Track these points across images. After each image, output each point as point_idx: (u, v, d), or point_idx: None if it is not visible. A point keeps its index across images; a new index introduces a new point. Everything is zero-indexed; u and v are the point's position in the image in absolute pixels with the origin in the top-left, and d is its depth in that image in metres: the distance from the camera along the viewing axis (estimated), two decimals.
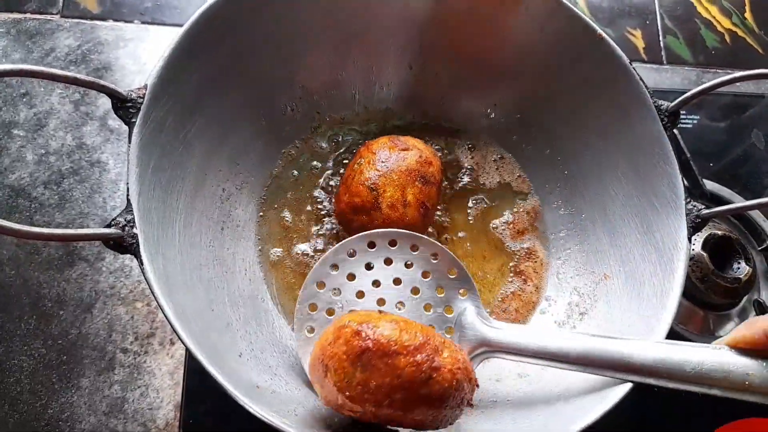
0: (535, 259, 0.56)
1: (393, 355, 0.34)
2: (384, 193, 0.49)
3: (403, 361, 0.34)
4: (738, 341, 0.34)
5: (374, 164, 0.51)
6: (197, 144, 0.46)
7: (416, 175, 0.51)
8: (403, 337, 0.35)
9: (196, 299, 0.41)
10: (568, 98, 0.53)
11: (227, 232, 0.50)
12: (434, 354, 0.35)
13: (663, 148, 0.46)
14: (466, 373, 0.36)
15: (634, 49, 0.77)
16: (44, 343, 0.54)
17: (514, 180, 0.59)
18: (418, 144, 0.54)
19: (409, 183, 0.50)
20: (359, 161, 0.52)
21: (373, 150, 0.52)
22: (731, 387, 0.34)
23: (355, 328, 0.35)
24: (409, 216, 0.50)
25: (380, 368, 0.34)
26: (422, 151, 0.53)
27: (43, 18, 0.68)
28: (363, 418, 0.36)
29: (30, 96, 0.63)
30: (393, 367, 0.34)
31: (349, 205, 0.51)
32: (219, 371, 0.34)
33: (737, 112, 0.75)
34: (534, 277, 0.55)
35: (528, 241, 0.56)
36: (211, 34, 0.45)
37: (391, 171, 0.50)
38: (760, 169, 0.72)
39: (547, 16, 0.51)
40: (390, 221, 0.49)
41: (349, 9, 0.53)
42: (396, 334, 0.35)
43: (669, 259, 0.44)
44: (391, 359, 0.34)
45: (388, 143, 0.52)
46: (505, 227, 0.57)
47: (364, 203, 0.50)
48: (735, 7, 0.83)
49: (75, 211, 0.59)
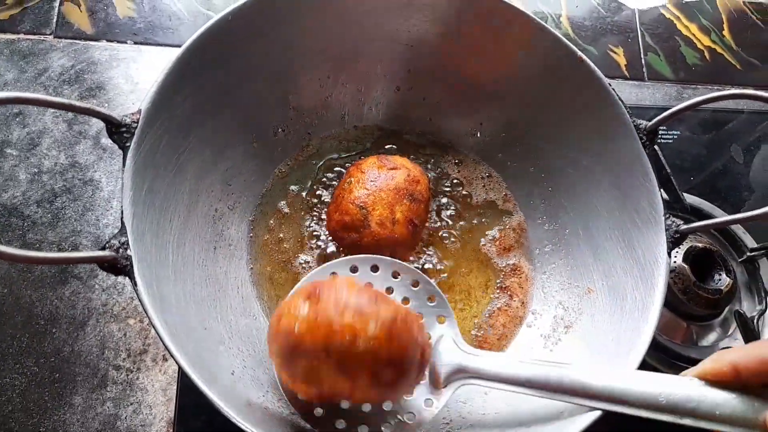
0: (520, 275, 0.57)
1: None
2: (373, 212, 0.51)
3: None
4: (706, 374, 0.34)
5: (363, 183, 0.52)
6: (190, 166, 0.47)
7: (404, 194, 0.52)
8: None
9: (189, 318, 0.42)
10: (552, 118, 0.55)
11: (220, 251, 0.51)
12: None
13: (643, 165, 0.47)
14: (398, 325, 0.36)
15: (616, 66, 0.79)
16: (36, 360, 0.54)
17: (500, 197, 0.60)
18: (406, 163, 0.55)
19: (397, 201, 0.52)
20: (349, 180, 0.53)
21: (362, 169, 0.54)
22: (702, 417, 0.34)
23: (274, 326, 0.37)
24: (398, 233, 0.51)
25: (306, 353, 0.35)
26: (410, 170, 0.54)
27: (37, 38, 0.69)
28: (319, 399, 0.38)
29: (23, 115, 0.64)
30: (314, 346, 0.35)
31: (340, 223, 0.52)
32: (212, 389, 0.35)
33: (716, 127, 0.77)
34: (519, 292, 0.56)
35: (514, 257, 0.58)
36: (204, 59, 0.46)
37: (379, 190, 0.52)
38: (738, 183, 0.74)
39: (530, 41, 0.52)
40: (380, 238, 0.50)
41: (339, 35, 0.55)
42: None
43: (650, 273, 0.45)
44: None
45: (377, 163, 0.54)
46: (491, 244, 0.58)
47: (354, 221, 0.51)
48: (713, 25, 0.85)
49: (68, 230, 0.60)
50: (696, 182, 0.73)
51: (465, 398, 0.47)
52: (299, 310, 0.36)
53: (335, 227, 0.53)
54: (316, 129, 0.60)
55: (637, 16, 0.84)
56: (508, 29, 0.53)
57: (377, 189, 0.52)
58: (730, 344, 0.60)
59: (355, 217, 0.51)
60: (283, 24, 0.51)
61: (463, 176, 0.61)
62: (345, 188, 0.53)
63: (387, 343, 0.35)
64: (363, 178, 0.53)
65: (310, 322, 0.35)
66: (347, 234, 0.52)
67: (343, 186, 0.54)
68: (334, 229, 0.53)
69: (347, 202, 0.52)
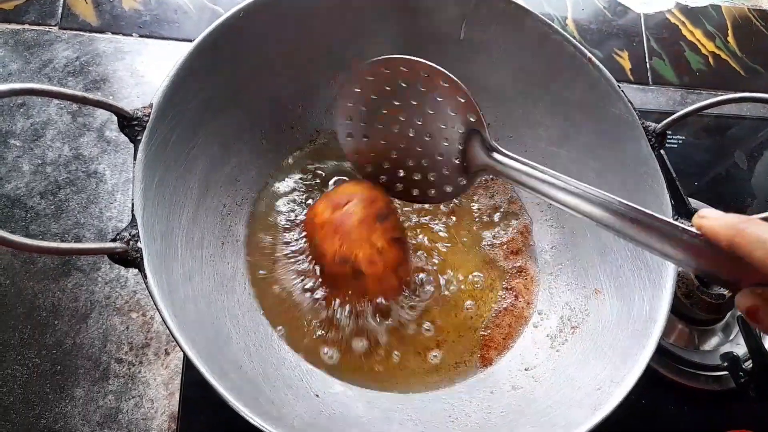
0: (526, 276, 0.57)
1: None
2: (357, 258, 0.48)
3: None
4: (715, 235, 0.32)
5: (329, 238, 0.49)
6: (200, 161, 0.47)
7: (371, 220, 0.49)
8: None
9: (197, 312, 0.42)
10: (560, 120, 0.55)
11: (228, 247, 0.51)
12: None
13: (651, 167, 0.47)
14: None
15: (621, 70, 0.79)
16: (38, 352, 0.54)
17: (506, 199, 0.60)
18: (354, 188, 0.52)
19: (370, 231, 0.49)
20: (314, 241, 0.51)
21: (319, 224, 0.50)
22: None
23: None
24: (390, 259, 0.49)
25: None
26: (361, 193, 0.50)
27: (42, 29, 0.68)
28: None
29: (27, 106, 0.64)
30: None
31: (336, 281, 0.50)
32: (220, 382, 0.35)
33: (720, 132, 0.78)
34: (525, 293, 0.56)
35: (520, 260, 0.58)
36: (215, 54, 0.46)
37: (347, 233, 0.48)
38: (742, 189, 0.74)
39: (538, 41, 0.52)
40: (377, 276, 0.48)
41: (348, 33, 0.55)
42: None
43: (658, 275, 0.45)
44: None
45: (327, 208, 0.50)
46: (498, 248, 0.58)
47: (346, 276, 0.49)
48: (718, 31, 0.86)
49: (71, 222, 0.59)
50: (699, 187, 0.73)
51: (470, 397, 0.48)
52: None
53: (332, 283, 0.51)
54: (324, 126, 0.60)
55: (642, 21, 0.84)
56: (516, 30, 0.53)
57: (344, 233, 0.48)
58: (731, 349, 0.60)
59: (345, 271, 0.48)
60: (293, 22, 0.51)
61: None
62: (317, 249, 0.50)
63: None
64: (324, 233, 0.49)
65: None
66: (349, 285, 0.50)
67: (312, 245, 0.51)
68: (332, 287, 0.51)
69: (329, 264, 0.49)
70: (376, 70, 0.46)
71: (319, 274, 0.52)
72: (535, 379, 0.47)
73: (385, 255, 0.49)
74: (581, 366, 0.46)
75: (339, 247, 0.48)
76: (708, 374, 0.60)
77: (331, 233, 0.48)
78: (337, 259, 0.48)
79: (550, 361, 0.49)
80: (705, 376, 0.60)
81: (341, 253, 0.48)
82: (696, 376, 0.60)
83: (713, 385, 0.60)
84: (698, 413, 0.59)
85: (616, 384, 0.40)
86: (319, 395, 0.46)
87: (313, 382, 0.47)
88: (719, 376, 0.60)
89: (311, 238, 0.51)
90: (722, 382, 0.60)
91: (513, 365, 0.50)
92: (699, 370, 0.60)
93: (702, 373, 0.60)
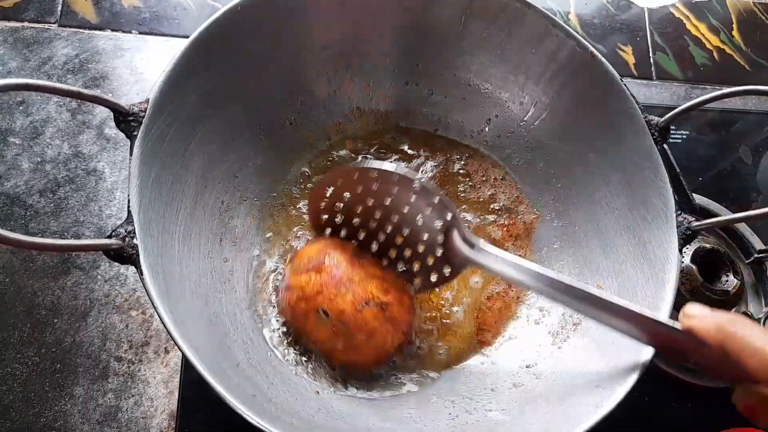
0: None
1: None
2: (376, 297, 0.45)
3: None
4: (699, 331, 0.33)
5: (338, 297, 0.45)
6: (197, 157, 0.47)
7: (356, 259, 0.47)
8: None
9: (194, 309, 0.41)
10: (562, 114, 0.54)
11: (225, 244, 0.50)
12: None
13: (654, 162, 0.47)
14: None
15: (624, 64, 0.79)
16: (38, 351, 0.53)
17: (509, 193, 0.60)
18: (315, 245, 0.49)
19: (364, 269, 0.47)
20: (319, 309, 0.45)
21: (312, 293, 0.45)
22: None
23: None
24: (395, 313, 0.46)
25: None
26: (326, 243, 0.48)
27: (41, 27, 0.68)
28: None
29: (26, 104, 0.63)
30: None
31: (366, 321, 0.46)
32: (217, 380, 0.35)
33: (725, 127, 0.77)
34: None
35: (520, 250, 0.57)
36: (213, 49, 0.45)
37: (349, 281, 0.45)
38: (746, 184, 0.74)
39: (542, 35, 0.52)
40: (369, 331, 0.45)
41: (347, 29, 0.54)
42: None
43: (660, 270, 0.44)
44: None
45: (309, 274, 0.46)
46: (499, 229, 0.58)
47: (375, 314, 0.45)
48: (723, 25, 0.85)
49: (70, 220, 0.59)
50: (704, 182, 0.72)
51: (471, 395, 0.47)
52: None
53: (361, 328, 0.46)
54: (324, 123, 0.59)
55: (646, 15, 0.83)
56: (518, 23, 0.52)
57: (347, 282, 0.45)
58: None
59: (373, 312, 0.45)
60: (292, 16, 0.51)
61: (472, 171, 0.61)
62: (333, 315, 0.45)
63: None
64: (326, 295, 0.45)
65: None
66: (378, 319, 0.46)
67: (317, 318, 0.46)
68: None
69: (353, 314, 0.45)
70: (346, 176, 0.46)
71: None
72: (536, 376, 0.47)
73: (393, 288, 0.47)
74: (583, 363, 0.46)
75: (352, 297, 0.44)
76: None
77: (333, 291, 0.45)
78: (358, 306, 0.44)
79: (552, 358, 0.48)
80: None
81: (358, 299, 0.44)
82: (699, 372, 0.59)
83: (716, 381, 0.59)
84: (701, 410, 0.58)
85: (618, 381, 0.40)
86: (319, 392, 0.46)
87: (312, 380, 0.47)
88: None
89: (307, 311, 0.46)
90: None
91: (514, 362, 0.49)
92: None
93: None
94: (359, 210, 0.48)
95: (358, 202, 0.47)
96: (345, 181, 0.46)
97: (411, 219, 0.46)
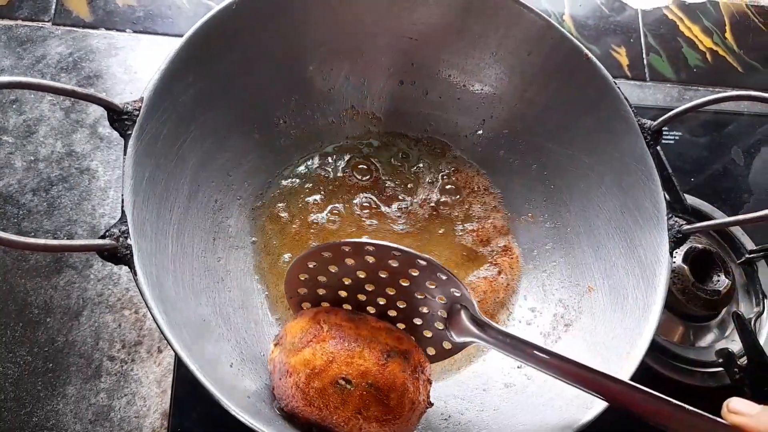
0: (512, 256, 0.57)
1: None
2: (394, 348, 0.40)
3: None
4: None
5: (355, 358, 0.38)
6: (191, 156, 0.47)
7: (348, 317, 0.42)
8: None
9: (188, 309, 0.41)
10: (556, 116, 0.55)
11: (219, 243, 0.50)
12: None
13: (646, 165, 0.47)
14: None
15: (618, 65, 0.79)
16: (30, 350, 0.53)
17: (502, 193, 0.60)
18: (300, 321, 0.42)
19: (362, 324, 0.41)
20: (339, 378, 0.38)
21: (323, 365, 0.38)
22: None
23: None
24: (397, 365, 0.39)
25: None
26: (308, 315, 0.42)
27: (35, 25, 0.68)
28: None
29: (20, 103, 0.63)
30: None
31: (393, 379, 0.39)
32: (210, 381, 0.35)
33: (717, 129, 0.77)
34: (509, 272, 0.56)
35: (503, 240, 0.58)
36: (207, 47, 0.45)
37: (353, 339, 0.40)
38: (739, 185, 0.74)
39: (537, 37, 0.52)
40: (401, 388, 0.38)
41: (343, 27, 0.54)
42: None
43: (651, 273, 0.45)
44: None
45: (312, 346, 0.39)
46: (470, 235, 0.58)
47: (398, 363, 0.39)
48: (716, 27, 0.85)
49: (63, 219, 0.59)
50: (696, 183, 0.73)
51: (463, 395, 0.47)
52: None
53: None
54: (318, 121, 0.59)
55: (640, 17, 0.84)
56: (514, 24, 0.52)
57: (353, 341, 0.39)
58: (727, 345, 0.60)
59: (397, 361, 0.39)
60: (287, 14, 0.51)
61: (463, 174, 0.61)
62: (358, 385, 0.38)
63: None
64: (339, 363, 0.38)
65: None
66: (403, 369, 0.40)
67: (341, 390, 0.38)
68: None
69: (380, 369, 0.38)
70: (334, 249, 0.41)
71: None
72: (527, 377, 0.47)
73: (403, 336, 0.42)
74: None
75: (370, 352, 0.38)
76: (703, 371, 0.60)
77: (347, 353, 0.38)
78: (381, 360, 0.38)
79: None
80: (700, 372, 0.60)
81: (377, 353, 0.39)
82: (691, 372, 0.59)
83: (708, 381, 0.59)
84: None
85: None
86: None
87: None
88: (714, 373, 0.60)
89: (324, 388, 0.38)
90: (717, 378, 0.60)
91: (506, 363, 0.49)
92: (694, 366, 0.60)
93: (697, 370, 0.60)
94: (348, 283, 0.43)
95: (346, 276, 0.42)
96: (334, 254, 0.41)
97: (409, 293, 0.42)
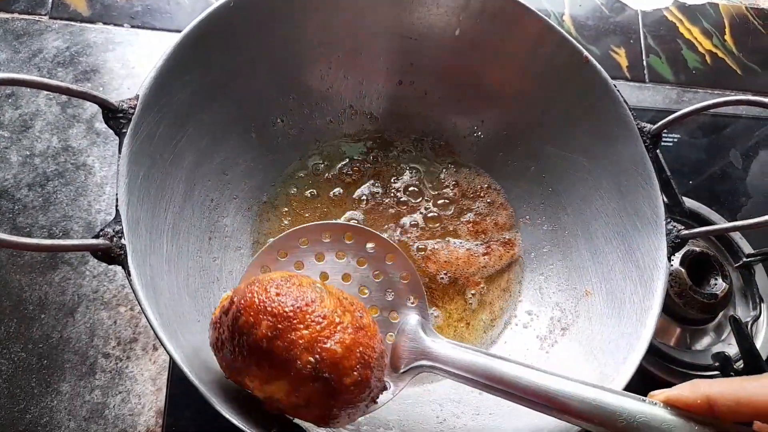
0: (510, 249, 0.57)
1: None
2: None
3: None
4: (677, 401, 0.32)
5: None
6: (187, 154, 0.46)
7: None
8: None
9: (182, 309, 0.41)
10: (555, 118, 0.54)
11: (215, 242, 0.50)
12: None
13: (645, 168, 0.47)
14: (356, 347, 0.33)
15: (617, 67, 0.79)
16: (24, 346, 0.53)
17: (499, 195, 0.60)
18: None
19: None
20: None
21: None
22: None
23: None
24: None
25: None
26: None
27: (31, 18, 0.67)
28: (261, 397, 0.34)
29: (16, 97, 0.63)
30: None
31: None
32: (203, 382, 0.34)
33: (716, 131, 0.77)
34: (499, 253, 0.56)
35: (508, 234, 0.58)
36: (205, 45, 0.45)
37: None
38: (736, 188, 0.74)
39: (537, 40, 0.52)
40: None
41: (341, 26, 0.54)
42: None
43: (649, 277, 0.44)
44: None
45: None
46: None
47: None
48: (715, 29, 0.85)
49: (59, 214, 0.59)
50: (694, 186, 0.73)
51: (458, 398, 0.47)
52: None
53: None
54: (315, 120, 0.59)
55: (639, 18, 0.83)
56: (514, 26, 0.52)
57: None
58: (723, 349, 0.60)
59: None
60: (286, 13, 0.51)
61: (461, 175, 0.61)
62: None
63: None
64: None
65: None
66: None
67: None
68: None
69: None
70: (315, 230, 0.41)
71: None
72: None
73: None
74: (570, 368, 0.46)
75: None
76: (700, 374, 0.60)
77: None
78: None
79: (539, 362, 0.49)
80: (697, 376, 0.60)
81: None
82: (688, 376, 0.59)
83: None
84: None
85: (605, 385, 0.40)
86: None
87: None
88: (711, 376, 0.60)
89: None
90: None
91: None
92: (691, 369, 0.60)
93: (694, 373, 0.60)
94: (318, 257, 0.42)
95: (318, 252, 0.42)
96: (311, 233, 0.41)
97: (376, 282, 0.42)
